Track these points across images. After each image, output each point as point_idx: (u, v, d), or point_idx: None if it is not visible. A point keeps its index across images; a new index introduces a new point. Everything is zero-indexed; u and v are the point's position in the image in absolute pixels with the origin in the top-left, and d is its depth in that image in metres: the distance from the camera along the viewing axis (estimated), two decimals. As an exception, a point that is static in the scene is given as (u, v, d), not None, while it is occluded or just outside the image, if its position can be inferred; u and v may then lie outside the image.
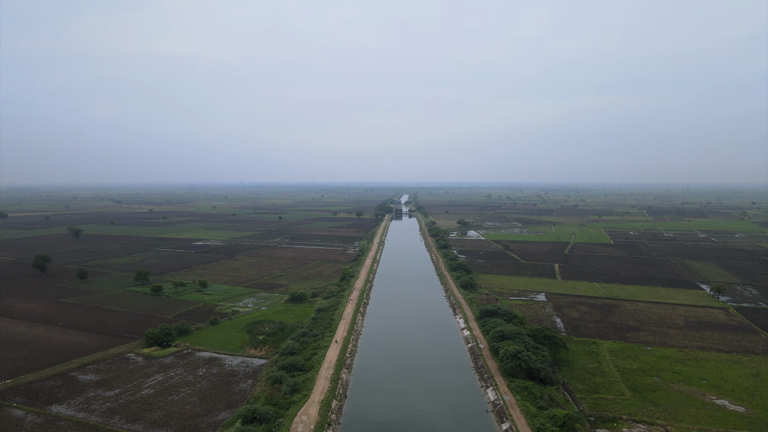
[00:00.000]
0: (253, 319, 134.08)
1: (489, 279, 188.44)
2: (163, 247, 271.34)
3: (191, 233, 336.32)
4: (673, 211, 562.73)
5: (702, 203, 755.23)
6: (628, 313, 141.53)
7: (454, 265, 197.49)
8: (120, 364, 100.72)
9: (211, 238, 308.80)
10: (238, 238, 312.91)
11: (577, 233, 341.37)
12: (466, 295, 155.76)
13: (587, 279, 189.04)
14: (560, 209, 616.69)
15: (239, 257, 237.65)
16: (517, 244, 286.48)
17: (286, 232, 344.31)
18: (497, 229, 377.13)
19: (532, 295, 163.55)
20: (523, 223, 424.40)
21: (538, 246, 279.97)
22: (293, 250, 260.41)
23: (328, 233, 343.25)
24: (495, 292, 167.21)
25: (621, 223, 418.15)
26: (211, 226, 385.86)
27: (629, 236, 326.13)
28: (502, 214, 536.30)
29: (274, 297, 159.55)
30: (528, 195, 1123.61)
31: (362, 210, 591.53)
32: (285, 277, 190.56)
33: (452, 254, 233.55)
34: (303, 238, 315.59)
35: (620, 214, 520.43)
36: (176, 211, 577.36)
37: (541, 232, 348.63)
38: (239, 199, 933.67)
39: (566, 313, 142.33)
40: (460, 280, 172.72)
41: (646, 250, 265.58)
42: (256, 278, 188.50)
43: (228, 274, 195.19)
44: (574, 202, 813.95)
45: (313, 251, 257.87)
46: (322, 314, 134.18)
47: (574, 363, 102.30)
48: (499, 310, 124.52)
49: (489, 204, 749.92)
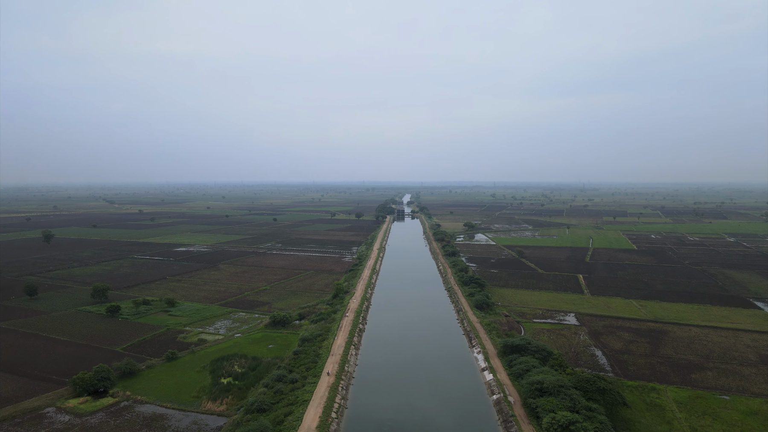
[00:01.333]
0: (222, 351, 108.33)
1: (506, 294, 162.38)
2: (141, 253, 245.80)
3: (176, 237, 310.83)
4: (688, 212, 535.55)
5: (715, 203, 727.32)
6: (682, 343, 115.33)
7: (465, 278, 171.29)
8: (28, 429, 74.95)
9: (196, 243, 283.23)
10: (225, 243, 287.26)
11: (595, 237, 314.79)
12: (483, 318, 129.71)
13: (620, 294, 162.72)
14: (570, 210, 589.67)
15: (222, 266, 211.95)
16: (531, 249, 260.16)
17: (279, 236, 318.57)
18: (507, 232, 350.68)
19: (559, 317, 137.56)
20: (533, 225, 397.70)
21: (555, 252, 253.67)
22: (284, 258, 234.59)
23: (324, 237, 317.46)
24: (515, 312, 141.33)
25: (638, 226, 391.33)
26: (200, 229, 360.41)
27: (651, 240, 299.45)
28: (509, 215, 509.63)
29: (252, 319, 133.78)
30: (533, 194, 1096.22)
31: (362, 211, 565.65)
32: (270, 292, 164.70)
33: (461, 263, 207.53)
34: (296, 243, 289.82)
35: (635, 215, 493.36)
36: (168, 212, 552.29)
37: (555, 236, 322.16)
38: (237, 199, 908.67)
39: (606, 342, 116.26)
40: (474, 298, 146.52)
41: (675, 257, 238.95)
42: (236, 293, 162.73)
43: (205, 288, 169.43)
44: (582, 202, 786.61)
45: (306, 259, 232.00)
46: (307, 346, 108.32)
47: (636, 425, 76.21)
48: (529, 344, 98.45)
49: (494, 204, 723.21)
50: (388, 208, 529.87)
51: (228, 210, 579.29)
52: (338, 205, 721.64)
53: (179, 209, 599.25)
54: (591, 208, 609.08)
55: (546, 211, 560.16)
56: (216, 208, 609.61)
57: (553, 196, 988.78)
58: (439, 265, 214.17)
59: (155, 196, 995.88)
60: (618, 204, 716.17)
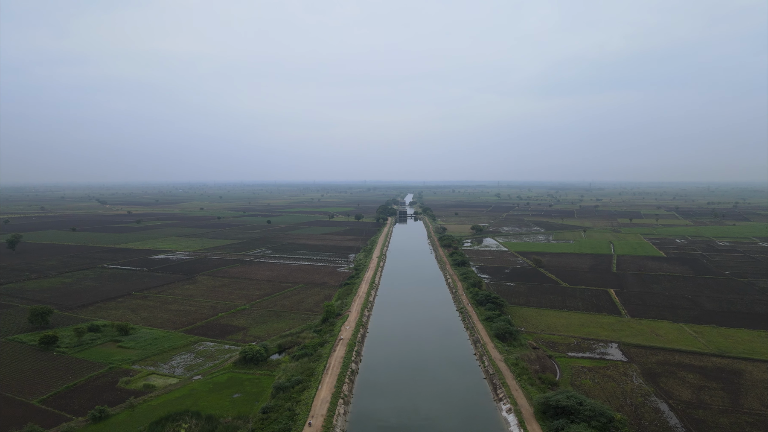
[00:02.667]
0: (170, 406, 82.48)
1: (529, 316, 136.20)
2: (113, 262, 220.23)
3: (158, 242, 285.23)
4: (705, 213, 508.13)
5: (728, 203, 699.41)
6: (766, 389, 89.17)
7: (480, 296, 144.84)
8: None
9: (178, 249, 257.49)
10: (210, 249, 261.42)
11: (615, 242, 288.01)
12: (507, 354, 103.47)
13: (665, 316, 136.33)
14: (580, 210, 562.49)
15: (200, 278, 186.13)
16: (548, 257, 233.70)
17: (270, 241, 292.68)
18: (518, 235, 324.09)
19: (599, 348, 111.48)
20: (545, 228, 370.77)
21: (576, 260, 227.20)
22: (272, 268, 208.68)
23: (319, 242, 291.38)
24: (544, 342, 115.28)
25: (658, 228, 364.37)
26: (187, 233, 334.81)
27: (678, 246, 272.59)
28: (518, 216, 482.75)
29: (221, 352, 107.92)
30: (538, 194, 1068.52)
31: (363, 212, 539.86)
32: (248, 314, 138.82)
33: (473, 275, 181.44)
34: (289, 249, 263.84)
35: (650, 217, 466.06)
36: (159, 213, 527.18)
37: (572, 241, 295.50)
38: (234, 199, 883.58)
39: (669, 388, 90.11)
40: (494, 324, 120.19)
41: (712, 266, 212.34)
42: (208, 314, 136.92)
43: (172, 308, 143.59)
44: (591, 202, 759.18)
45: (296, 269, 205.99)
46: (282, 400, 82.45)
47: None
48: (580, 406, 72.18)
49: (500, 204, 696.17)
50: (389, 209, 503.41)
51: (222, 211, 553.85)
52: (338, 205, 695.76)
53: (171, 210, 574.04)
54: (602, 209, 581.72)
55: (555, 212, 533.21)
56: (210, 209, 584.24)
57: (560, 196, 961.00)
58: (448, 277, 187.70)
59: (151, 196, 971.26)
60: (629, 204, 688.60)
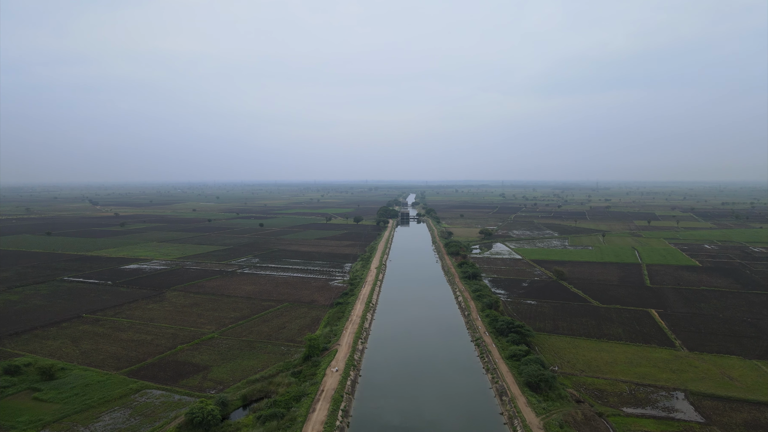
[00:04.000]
0: None
1: (560, 348, 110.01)
2: (76, 272, 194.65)
3: (136, 249, 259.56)
4: (724, 214, 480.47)
5: (744, 203, 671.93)
6: None
7: (500, 323, 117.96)
8: None
9: (155, 258, 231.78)
10: (191, 257, 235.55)
11: (639, 248, 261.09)
12: (547, 417, 77.05)
13: (732, 350, 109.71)
14: (591, 212, 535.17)
15: (170, 295, 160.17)
16: (568, 267, 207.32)
17: (259, 247, 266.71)
18: (530, 240, 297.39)
19: (662, 400, 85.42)
20: (558, 231, 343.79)
21: (601, 270, 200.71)
22: (255, 281, 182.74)
23: (313, 248, 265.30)
24: (587, 390, 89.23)
25: (680, 232, 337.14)
26: (171, 237, 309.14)
27: (710, 253, 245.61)
28: (527, 218, 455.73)
29: (166, 408, 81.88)
30: (544, 194, 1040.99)
31: (363, 213, 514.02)
32: (216, 345, 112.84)
33: (486, 292, 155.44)
34: (278, 256, 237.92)
35: (668, 219, 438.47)
36: (148, 215, 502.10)
37: (591, 247, 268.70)
38: (231, 199, 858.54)
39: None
40: (521, 368, 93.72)
41: (758, 277, 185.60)
42: (165, 347, 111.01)
43: (124, 337, 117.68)
44: (599, 202, 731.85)
45: (283, 282, 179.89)
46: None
47: None
48: None
49: (506, 205, 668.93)
50: (390, 210, 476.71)
51: (215, 213, 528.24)
52: (338, 206, 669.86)
53: (162, 212, 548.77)
54: (614, 210, 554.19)
55: (566, 214, 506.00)
56: (203, 211, 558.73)
57: (566, 196, 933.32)
58: (458, 293, 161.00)
59: (146, 197, 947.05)
60: (640, 205, 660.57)
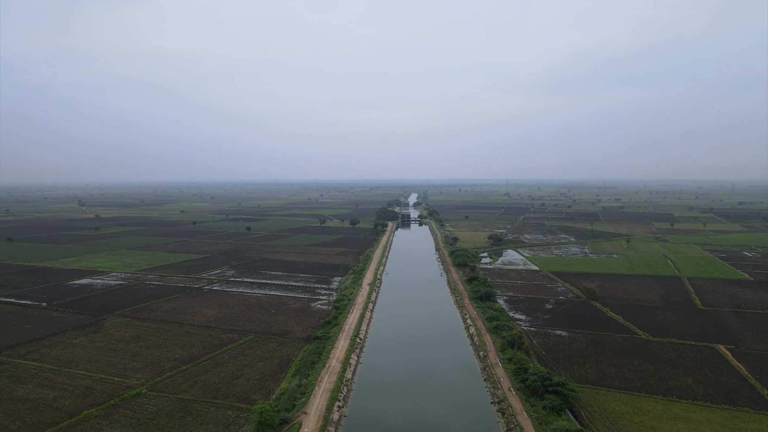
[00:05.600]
0: None
1: (614, 412, 78.67)
2: (14, 288, 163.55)
3: (97, 258, 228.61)
4: (748, 215, 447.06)
5: (761, 203, 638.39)
6: None
7: (530, 377, 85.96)
8: None
9: (115, 269, 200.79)
10: (157, 269, 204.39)
11: (672, 257, 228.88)
12: None
13: None
14: (604, 212, 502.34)
15: (110, 323, 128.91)
16: (596, 280, 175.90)
17: (238, 256, 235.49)
18: (545, 246, 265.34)
19: None
20: (575, 236, 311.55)
21: (636, 286, 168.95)
22: (222, 301, 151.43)
23: (300, 257, 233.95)
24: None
25: (710, 236, 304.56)
26: (145, 243, 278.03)
27: (756, 262, 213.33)
28: (537, 220, 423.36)
29: None
30: (550, 193, 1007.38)
31: (361, 214, 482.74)
32: (138, 409, 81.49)
33: (504, 319, 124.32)
34: (257, 268, 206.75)
35: (689, 220, 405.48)
36: (131, 216, 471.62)
37: (616, 255, 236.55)
38: (226, 199, 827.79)
39: None
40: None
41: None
42: (65, 415, 79.79)
43: (17, 394, 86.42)
44: (609, 202, 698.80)
45: (256, 304, 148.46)
46: None
47: None
48: None
49: (513, 205, 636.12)
50: (390, 212, 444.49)
51: (204, 214, 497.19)
52: (336, 206, 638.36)
53: (149, 213, 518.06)
54: (629, 211, 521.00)
55: (578, 215, 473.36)
56: (192, 212, 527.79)
57: (574, 195, 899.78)
58: (468, 322, 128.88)
59: (141, 197, 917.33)
60: (653, 205, 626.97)
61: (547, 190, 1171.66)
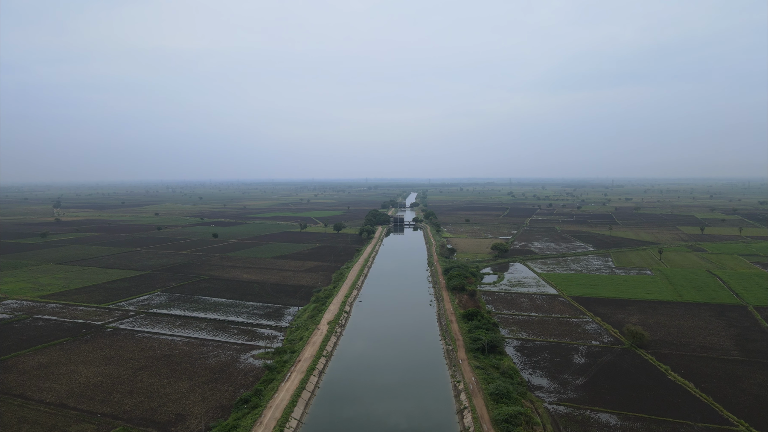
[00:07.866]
0: None
1: None
2: None
3: (6, 278, 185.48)
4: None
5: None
6: None
7: None
8: None
9: (18, 293, 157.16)
10: (70, 292, 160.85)
11: (719, 273, 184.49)
12: None
13: None
14: (618, 214, 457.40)
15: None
16: (635, 311, 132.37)
17: (185, 273, 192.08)
18: (561, 259, 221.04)
19: None
20: (593, 244, 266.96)
21: (691, 321, 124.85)
22: (119, 350, 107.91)
23: (260, 275, 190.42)
24: None
25: (751, 244, 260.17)
26: (83, 255, 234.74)
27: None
28: (546, 223, 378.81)
29: None
30: (555, 192, 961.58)
31: (352, 216, 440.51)
32: None
33: (516, 395, 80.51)
34: (198, 291, 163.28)
35: (720, 224, 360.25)
36: (94, 220, 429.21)
37: (649, 270, 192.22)
38: (214, 200, 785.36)
39: None
40: None
41: None
42: None
43: None
44: (619, 202, 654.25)
45: (161, 357, 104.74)
46: None
47: None
48: None
49: (517, 206, 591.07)
50: (381, 215, 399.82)
51: (177, 217, 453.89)
52: (328, 207, 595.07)
53: (121, 216, 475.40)
54: (645, 213, 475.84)
55: (590, 217, 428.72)
56: (166, 214, 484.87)
57: (581, 195, 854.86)
58: (462, 399, 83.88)
59: (126, 197, 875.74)
60: (668, 205, 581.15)
61: (552, 190, 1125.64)
